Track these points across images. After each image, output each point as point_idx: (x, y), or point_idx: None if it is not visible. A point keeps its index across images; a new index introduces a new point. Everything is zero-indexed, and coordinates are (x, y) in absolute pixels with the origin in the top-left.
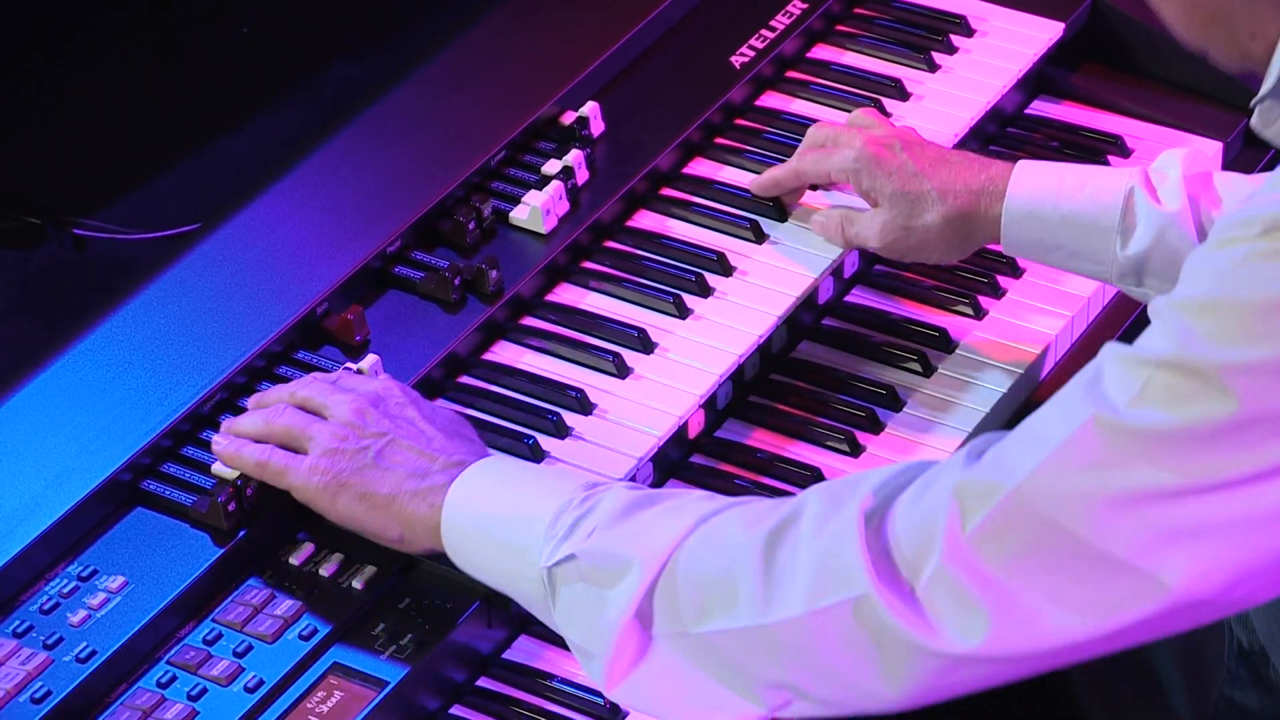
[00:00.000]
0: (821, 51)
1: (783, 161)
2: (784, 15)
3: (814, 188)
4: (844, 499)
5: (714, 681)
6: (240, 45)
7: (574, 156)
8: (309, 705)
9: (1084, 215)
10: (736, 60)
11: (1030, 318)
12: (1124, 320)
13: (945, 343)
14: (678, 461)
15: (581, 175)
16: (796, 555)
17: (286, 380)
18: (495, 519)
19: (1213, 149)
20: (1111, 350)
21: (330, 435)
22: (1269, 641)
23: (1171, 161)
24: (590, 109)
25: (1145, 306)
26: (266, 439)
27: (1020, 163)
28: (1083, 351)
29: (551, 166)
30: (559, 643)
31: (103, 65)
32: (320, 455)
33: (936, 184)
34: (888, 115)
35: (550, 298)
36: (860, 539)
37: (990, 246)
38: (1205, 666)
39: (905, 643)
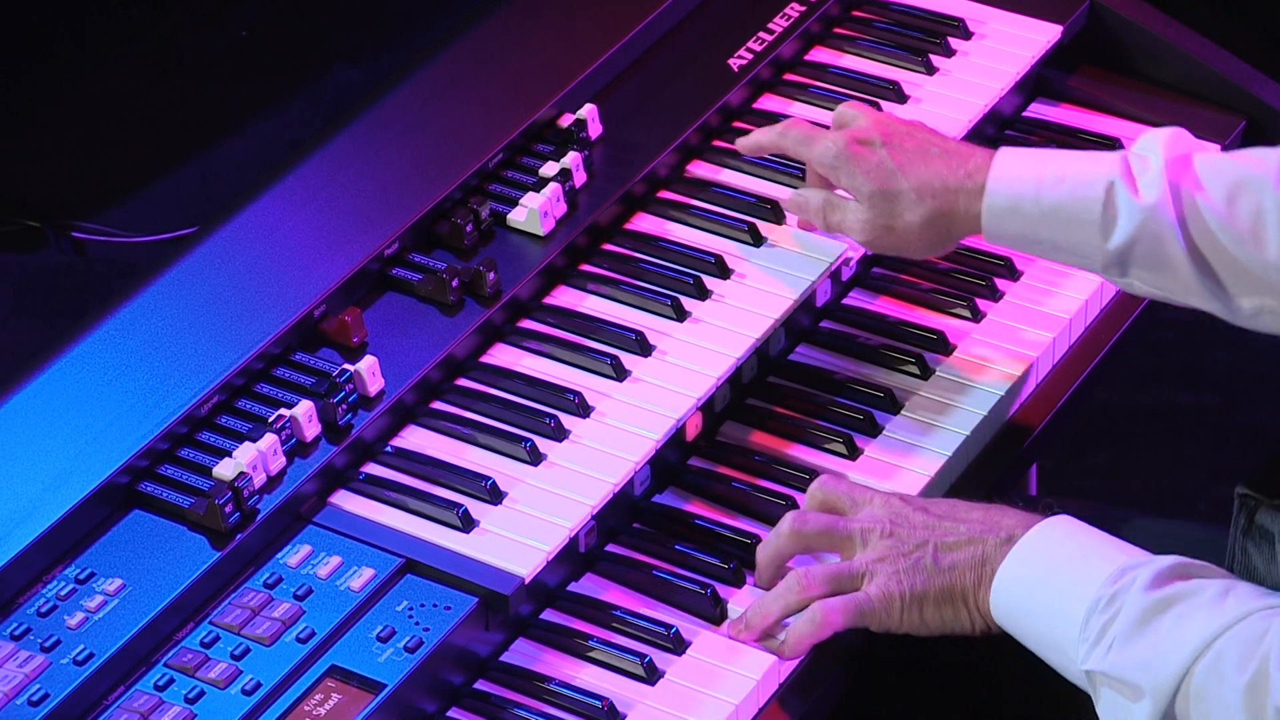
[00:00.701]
0: (819, 54)
1: (780, 166)
2: (782, 18)
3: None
4: None
5: None
6: (239, 49)
7: (572, 159)
8: (306, 708)
9: (1064, 210)
10: (734, 63)
11: (1028, 321)
12: (1121, 323)
13: (943, 345)
14: (675, 464)
15: (580, 177)
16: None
17: (283, 383)
18: (1037, 611)
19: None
20: None
21: (880, 564)
22: None
23: (1152, 145)
24: (588, 111)
25: (1142, 306)
26: (809, 598)
27: (1000, 153)
28: (1079, 355)
29: (549, 169)
30: (556, 646)
31: (102, 69)
32: (884, 583)
33: (914, 183)
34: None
35: (548, 300)
36: None
37: (987, 249)
38: None
39: None
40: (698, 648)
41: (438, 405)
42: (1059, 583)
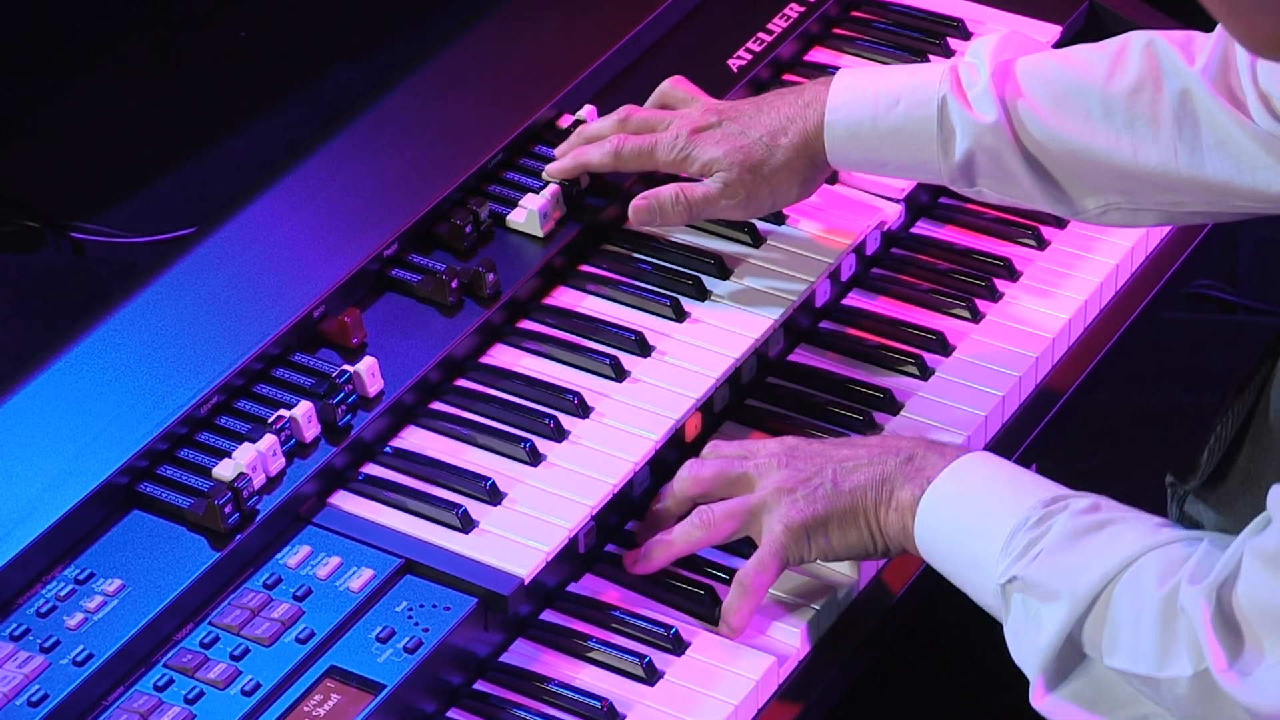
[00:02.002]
0: (818, 55)
1: None
2: (781, 19)
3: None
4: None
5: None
6: (238, 50)
7: None
8: (306, 708)
9: (902, 131)
10: (733, 63)
11: (1027, 321)
12: (1120, 324)
13: (942, 346)
14: (675, 464)
15: (584, 179)
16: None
17: (283, 383)
18: (958, 531)
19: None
20: None
21: (779, 495)
22: None
23: (980, 53)
24: (587, 112)
25: (1142, 306)
26: (711, 539)
27: (835, 78)
28: (1078, 355)
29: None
30: (556, 646)
31: (101, 70)
32: (785, 513)
33: (764, 130)
34: None
35: (547, 301)
36: (1206, 618)
37: (986, 249)
38: None
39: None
40: (697, 648)
41: (437, 406)
42: (987, 503)
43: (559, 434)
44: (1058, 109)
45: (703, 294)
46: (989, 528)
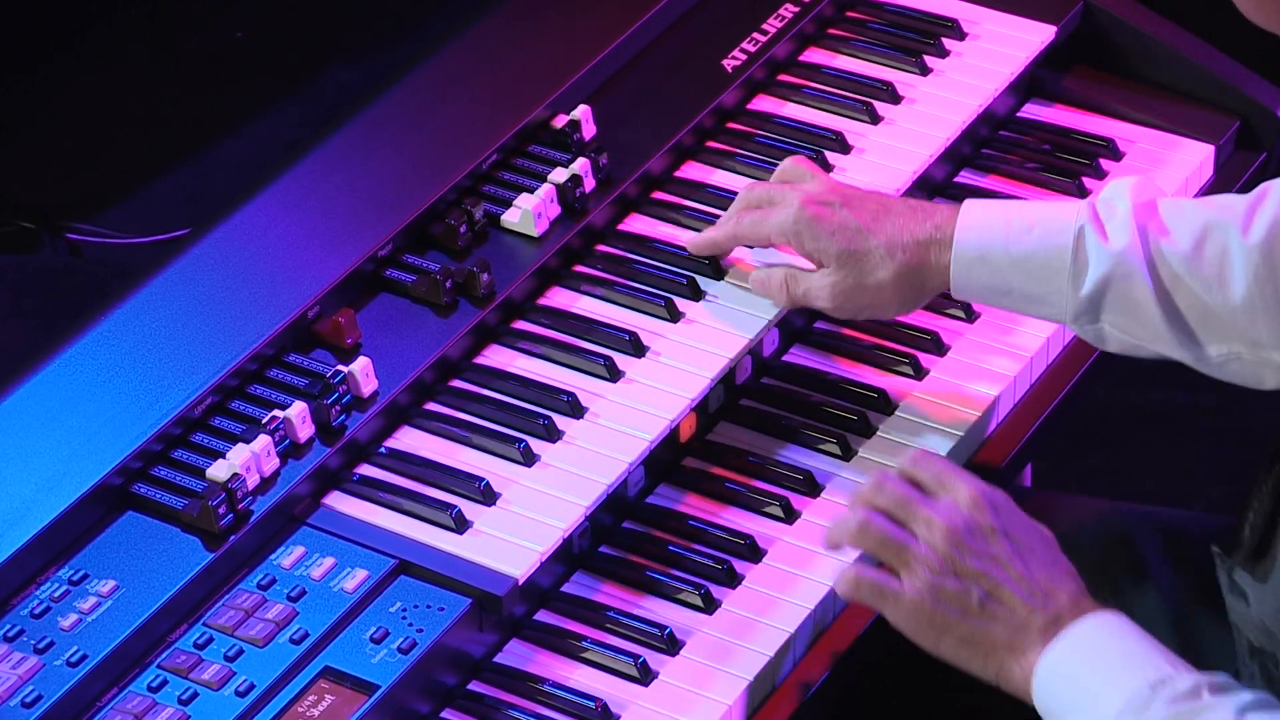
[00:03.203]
0: (813, 55)
1: (773, 167)
2: (776, 19)
3: None
4: None
5: None
6: (235, 50)
7: (581, 165)
8: (300, 709)
9: (1035, 257)
10: (728, 64)
11: (1023, 320)
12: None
13: (937, 346)
14: (669, 464)
15: (589, 183)
16: None
17: (277, 384)
18: (1073, 703)
19: (1204, 152)
20: None
21: (926, 569)
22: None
23: (1120, 192)
24: (582, 112)
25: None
26: (860, 544)
27: (965, 204)
28: (1074, 354)
29: (559, 174)
30: (550, 647)
31: (98, 70)
32: (923, 592)
33: (883, 239)
34: (878, 119)
35: (542, 301)
36: None
37: None
38: (1209, 667)
39: None
40: (691, 648)
41: (431, 406)
42: (1099, 680)
43: (553, 434)
44: (1197, 247)
45: (697, 294)
46: (1098, 708)
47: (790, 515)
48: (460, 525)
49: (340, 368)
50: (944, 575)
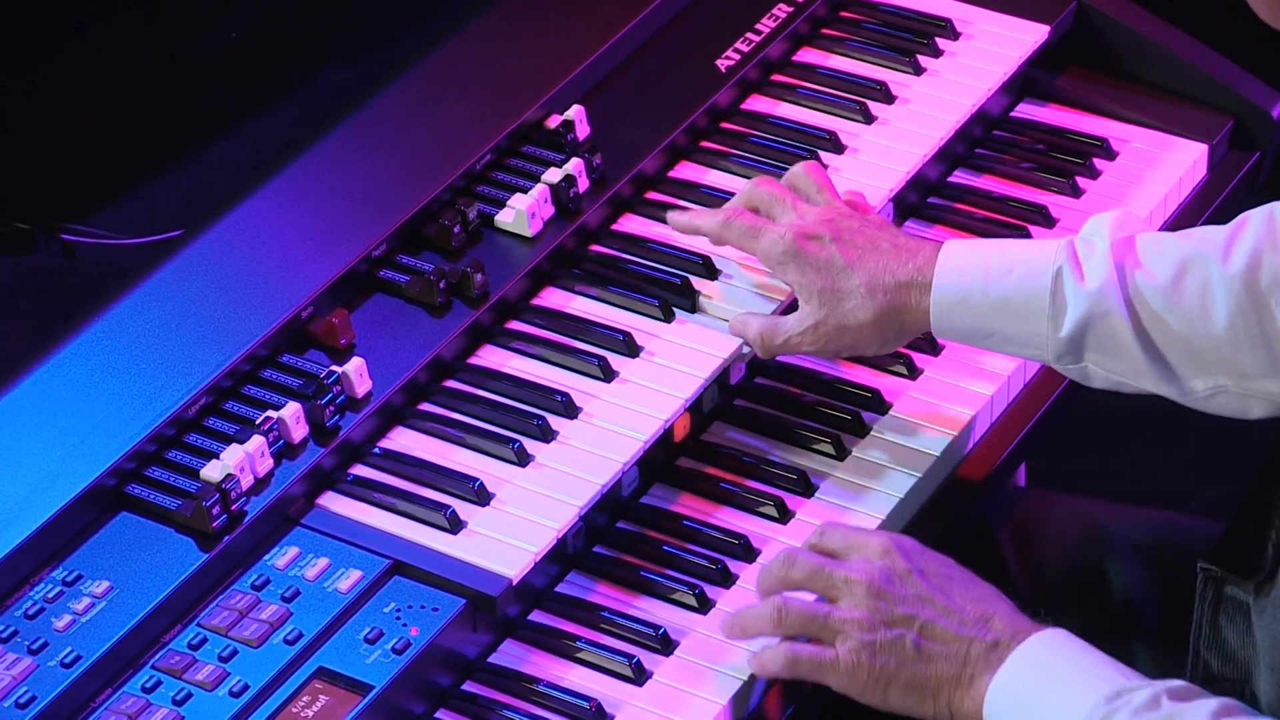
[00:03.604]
0: (807, 55)
1: (768, 167)
2: (769, 19)
3: None
4: None
5: None
6: (230, 51)
7: (574, 165)
8: (294, 710)
9: (1014, 300)
10: (722, 64)
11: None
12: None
13: (932, 346)
14: (664, 465)
15: (583, 183)
16: None
17: (271, 384)
18: None
19: (1198, 151)
20: None
21: (857, 629)
22: (1264, 657)
23: (1099, 229)
24: (575, 112)
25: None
26: (782, 633)
27: (945, 245)
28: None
29: (552, 175)
30: (544, 647)
31: (94, 71)
32: (859, 652)
33: (864, 279)
34: (872, 119)
35: (536, 301)
36: None
37: None
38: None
39: None
40: (685, 648)
41: (425, 407)
42: (1053, 699)
43: (547, 434)
44: (1177, 280)
45: (691, 294)
46: None
47: (784, 515)
48: (454, 525)
49: (334, 368)
50: (874, 629)
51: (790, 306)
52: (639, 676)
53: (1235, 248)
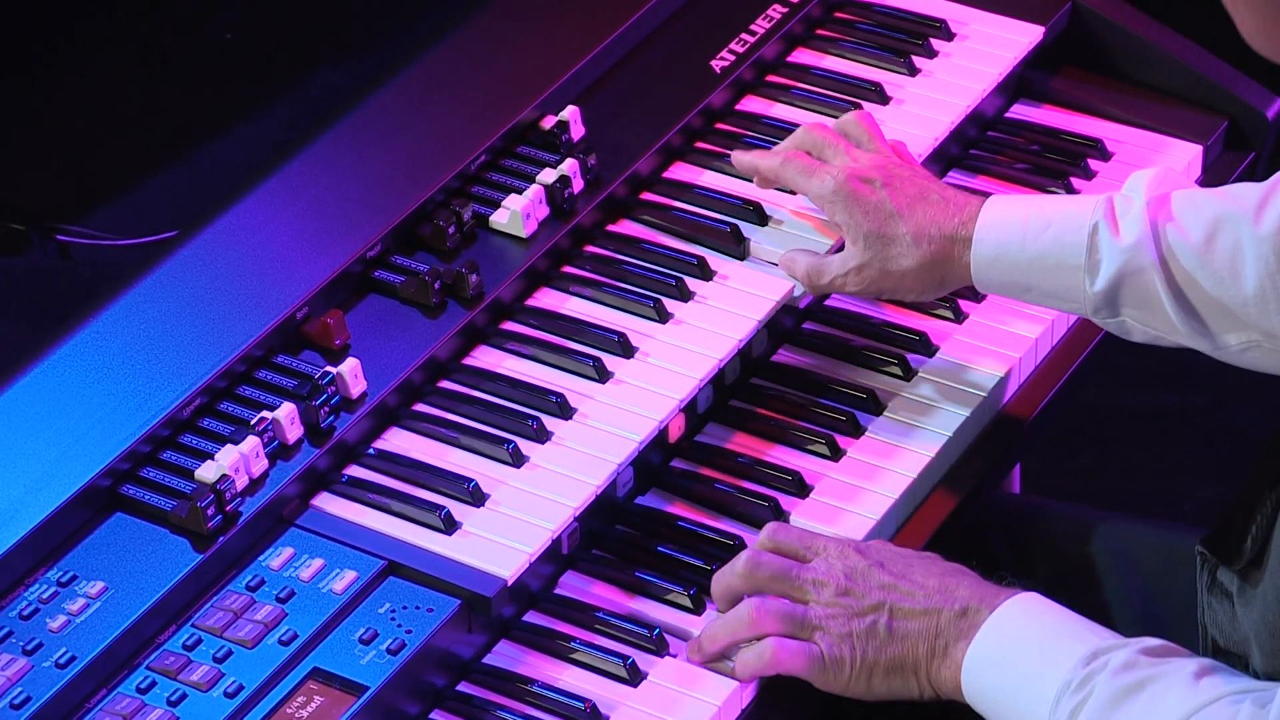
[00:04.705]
0: (802, 55)
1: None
2: (764, 19)
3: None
4: None
5: None
6: (224, 52)
7: (569, 165)
8: (289, 710)
9: (1050, 256)
10: (717, 64)
11: (1010, 320)
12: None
13: (926, 346)
14: (658, 466)
15: (577, 184)
16: None
17: (266, 385)
18: (1007, 691)
19: (1192, 152)
20: None
21: (835, 623)
22: (1255, 640)
23: (1138, 185)
24: (570, 113)
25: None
26: (760, 634)
27: (988, 202)
28: (1063, 354)
29: (547, 175)
30: (539, 648)
31: (87, 72)
32: (839, 646)
33: (911, 228)
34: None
35: (530, 302)
36: None
37: None
38: None
39: None
40: (680, 649)
41: (420, 407)
42: (1029, 663)
43: (542, 435)
44: (1209, 240)
45: (686, 295)
46: (1034, 691)
47: (779, 516)
48: (449, 526)
49: (329, 369)
50: (849, 620)
51: (784, 306)
52: (634, 677)
53: (1268, 209)
